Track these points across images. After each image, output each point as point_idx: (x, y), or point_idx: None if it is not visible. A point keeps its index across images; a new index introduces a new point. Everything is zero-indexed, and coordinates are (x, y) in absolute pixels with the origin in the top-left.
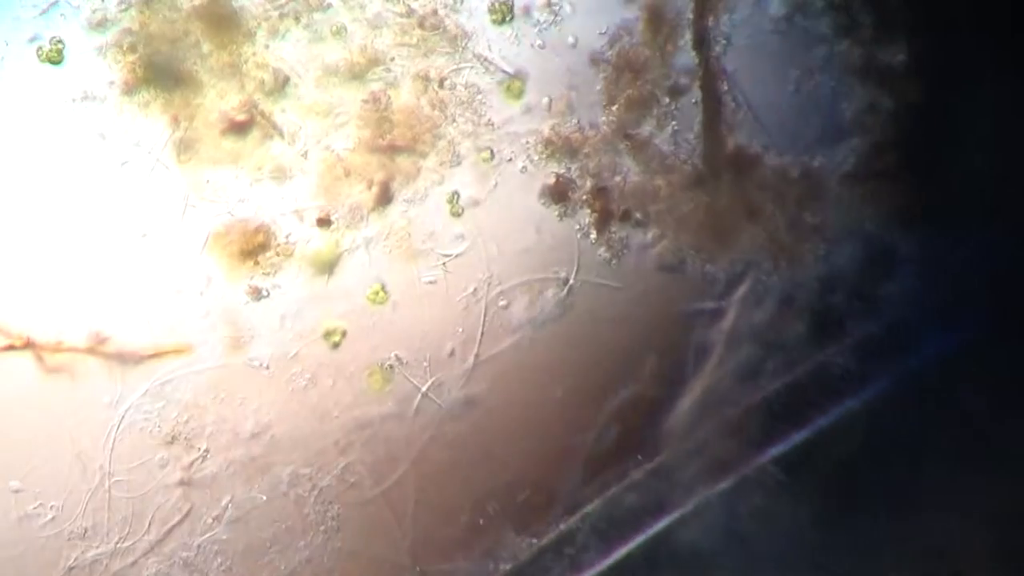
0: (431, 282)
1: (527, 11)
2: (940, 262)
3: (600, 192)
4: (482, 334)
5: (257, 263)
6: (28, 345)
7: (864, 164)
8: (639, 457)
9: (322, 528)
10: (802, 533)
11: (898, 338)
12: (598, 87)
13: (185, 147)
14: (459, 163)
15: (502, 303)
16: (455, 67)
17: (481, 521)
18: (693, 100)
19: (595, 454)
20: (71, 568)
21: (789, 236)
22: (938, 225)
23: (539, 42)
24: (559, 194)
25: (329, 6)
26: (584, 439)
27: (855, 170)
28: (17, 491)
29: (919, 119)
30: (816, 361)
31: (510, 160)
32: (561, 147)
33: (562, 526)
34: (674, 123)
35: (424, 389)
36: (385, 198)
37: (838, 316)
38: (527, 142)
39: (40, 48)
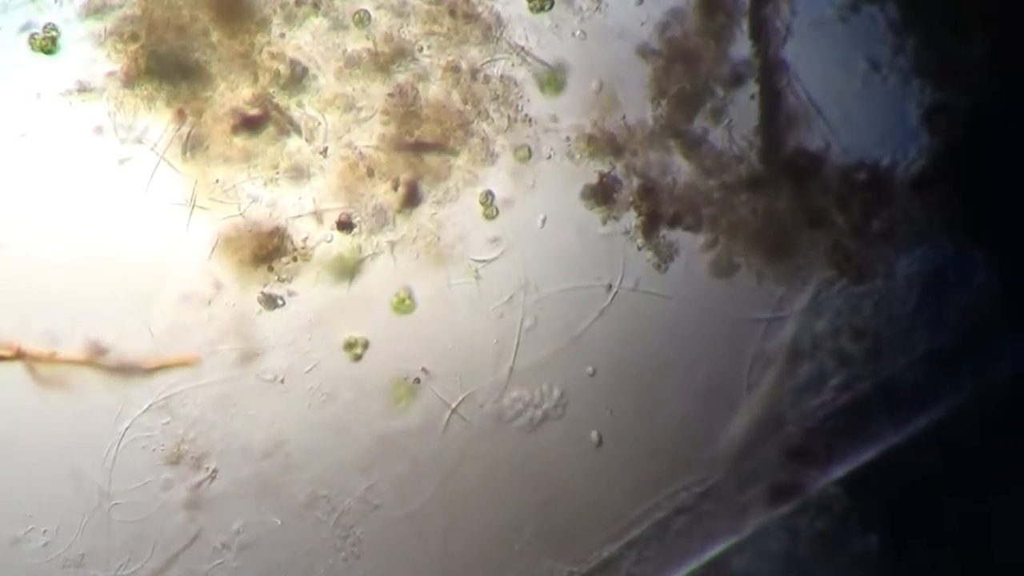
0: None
1: None
2: (1014, 272)
3: (648, 193)
4: (518, 345)
5: (271, 269)
6: (19, 355)
7: (935, 166)
8: (689, 478)
9: (342, 554)
10: (868, 561)
11: (970, 352)
12: (646, 80)
13: (192, 144)
14: (493, 161)
15: (540, 312)
16: (489, 58)
17: (516, 547)
18: (750, 94)
19: (642, 475)
20: None
21: (854, 243)
22: (1014, 233)
23: (581, 31)
24: (603, 195)
25: None
26: (629, 457)
27: (926, 172)
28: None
29: (996, 120)
30: (883, 376)
31: (549, 158)
32: (605, 144)
33: (605, 553)
34: (729, 119)
35: (454, 405)
36: (412, 199)
37: (906, 329)
38: (568, 139)
39: (33, 37)
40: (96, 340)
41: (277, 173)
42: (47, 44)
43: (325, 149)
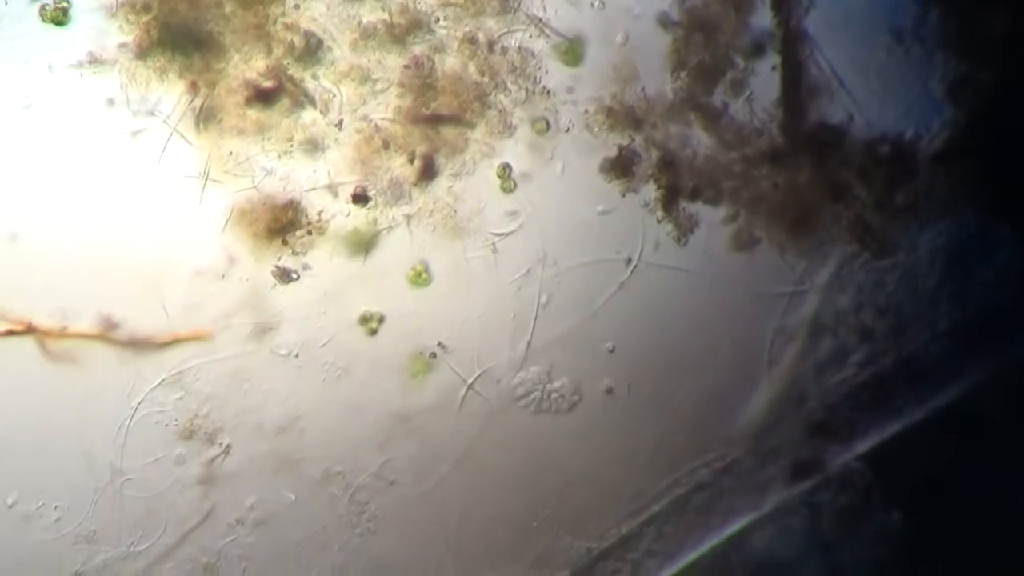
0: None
1: None
2: None
3: (667, 166)
4: (536, 320)
5: (286, 242)
6: (30, 330)
7: (959, 140)
8: (709, 454)
9: (357, 531)
10: (891, 536)
11: (993, 326)
12: (665, 51)
13: (205, 116)
14: (511, 134)
15: (558, 286)
16: (506, 29)
17: (535, 524)
18: (771, 66)
19: (661, 451)
20: (78, 573)
21: (877, 217)
22: None
23: (600, 1)
24: (622, 168)
25: None
26: (650, 435)
27: (949, 146)
28: (17, 495)
29: (1020, 93)
30: (905, 351)
31: (567, 131)
32: (624, 117)
33: (624, 529)
34: (749, 91)
35: (471, 381)
36: (428, 172)
37: (929, 304)
38: (586, 111)
39: (44, 8)
40: (108, 315)
41: (291, 146)
42: (58, 15)
43: (340, 121)
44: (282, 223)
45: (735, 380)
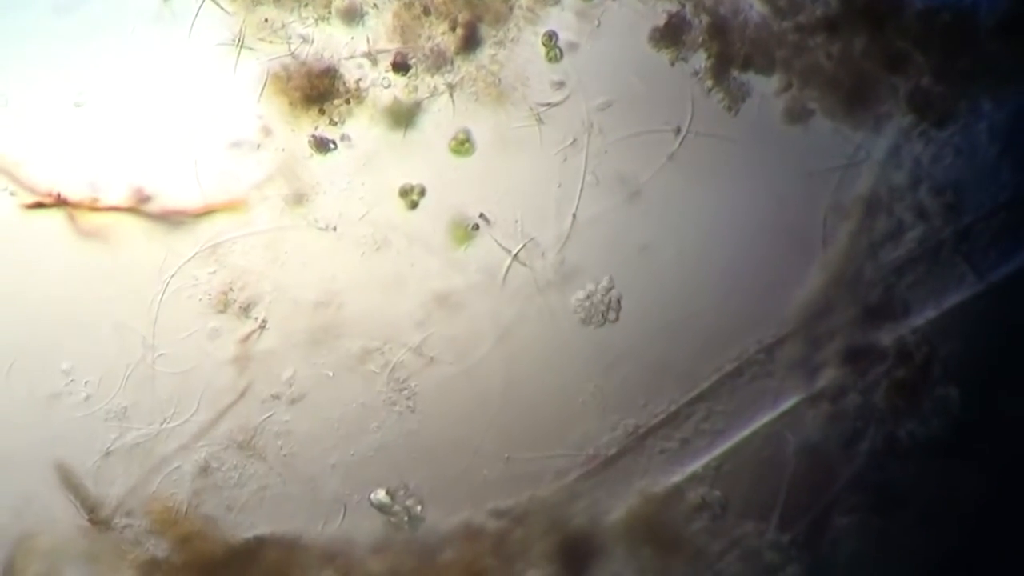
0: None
1: None
2: None
3: (718, 33)
4: (581, 190)
5: (322, 111)
6: (59, 203)
7: (1020, 8)
8: (761, 334)
9: (396, 408)
10: (949, 411)
11: None
12: None
13: None
14: (556, 1)
15: (605, 157)
16: None
17: (581, 401)
18: None
19: (711, 331)
20: (109, 452)
21: (935, 87)
22: None
23: None
24: (671, 36)
25: None
26: (696, 312)
27: (1011, 14)
28: (44, 372)
29: None
30: (963, 225)
31: None
32: None
33: (673, 407)
34: None
35: (515, 252)
36: (471, 41)
37: (988, 176)
38: None
39: None
40: (139, 187)
41: (329, 12)
42: None
43: None
44: (319, 91)
45: (789, 258)
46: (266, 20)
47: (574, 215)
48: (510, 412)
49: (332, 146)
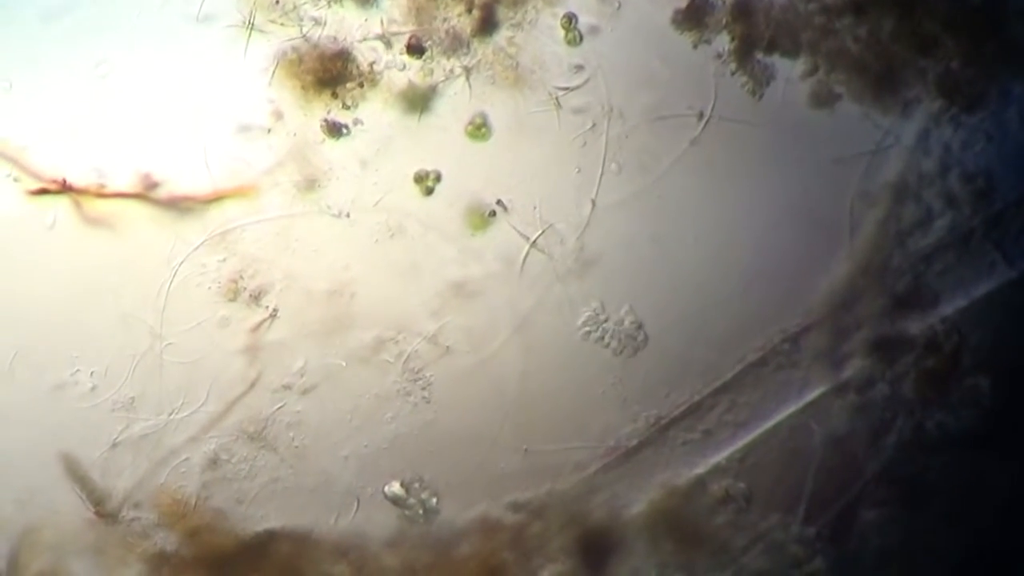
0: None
1: None
2: None
3: (742, 15)
4: (601, 176)
5: (335, 95)
6: (65, 189)
7: None
8: (786, 323)
9: (411, 399)
10: (979, 401)
11: None
12: None
13: None
14: None
15: (625, 142)
16: None
17: (601, 391)
18: None
19: (734, 321)
20: (116, 444)
21: (966, 72)
22: None
23: None
24: (694, 18)
25: None
26: (722, 300)
27: None
28: (49, 362)
29: None
30: (993, 212)
31: None
32: None
33: (696, 398)
34: None
35: (534, 238)
36: (488, 23)
37: (1019, 162)
38: None
39: None
40: (147, 173)
41: None
42: None
43: None
44: (332, 75)
45: (815, 246)
46: (277, 1)
47: (593, 201)
48: (528, 403)
49: (345, 131)
